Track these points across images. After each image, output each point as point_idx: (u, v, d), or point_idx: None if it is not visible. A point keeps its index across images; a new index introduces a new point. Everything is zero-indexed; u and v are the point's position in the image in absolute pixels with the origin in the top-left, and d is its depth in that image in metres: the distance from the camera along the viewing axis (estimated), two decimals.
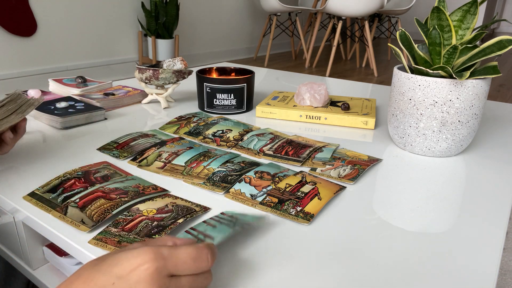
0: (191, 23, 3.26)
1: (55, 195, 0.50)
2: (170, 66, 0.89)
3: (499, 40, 0.57)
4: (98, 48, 2.67)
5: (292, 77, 1.25)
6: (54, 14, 2.38)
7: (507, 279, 0.95)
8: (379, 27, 5.30)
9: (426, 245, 0.43)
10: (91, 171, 0.56)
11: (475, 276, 0.38)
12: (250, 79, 0.86)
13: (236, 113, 0.86)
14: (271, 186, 0.53)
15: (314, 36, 3.35)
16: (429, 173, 0.60)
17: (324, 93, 0.84)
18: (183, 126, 0.76)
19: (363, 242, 0.43)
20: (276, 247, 0.42)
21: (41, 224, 0.46)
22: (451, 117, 0.62)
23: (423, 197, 0.53)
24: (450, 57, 0.60)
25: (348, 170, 0.59)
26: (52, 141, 0.69)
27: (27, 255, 0.53)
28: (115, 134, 0.72)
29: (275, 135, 0.71)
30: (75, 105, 0.81)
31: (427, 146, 0.65)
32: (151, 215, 0.45)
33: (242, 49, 3.90)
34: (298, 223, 0.46)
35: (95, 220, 0.45)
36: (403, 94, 0.65)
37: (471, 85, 0.60)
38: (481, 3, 0.61)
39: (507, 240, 1.08)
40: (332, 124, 0.81)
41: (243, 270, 0.38)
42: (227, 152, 0.64)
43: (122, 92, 0.93)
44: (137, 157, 0.62)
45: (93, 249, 0.41)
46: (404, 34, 0.65)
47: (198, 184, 0.54)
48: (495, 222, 0.47)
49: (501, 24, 6.73)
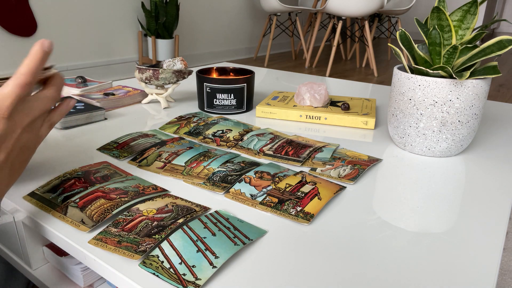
0: (191, 23, 3.26)
1: (55, 195, 0.50)
2: (170, 66, 0.89)
3: (499, 40, 0.57)
4: (98, 48, 2.67)
5: (292, 77, 1.25)
6: (54, 14, 2.38)
7: (507, 279, 0.95)
8: (379, 27, 5.30)
9: (426, 245, 0.43)
10: (91, 171, 0.56)
11: (475, 276, 0.38)
12: (250, 79, 0.86)
13: (236, 113, 0.86)
14: (271, 186, 0.53)
15: (314, 36, 3.35)
16: (429, 173, 0.60)
17: (324, 93, 0.84)
18: (183, 126, 0.76)
19: (363, 242, 0.43)
20: (276, 247, 0.42)
21: (41, 224, 0.46)
22: (451, 117, 0.62)
23: (423, 197, 0.53)
24: (450, 57, 0.60)
25: (348, 170, 0.59)
26: (52, 141, 0.69)
27: (27, 255, 0.53)
28: (115, 134, 0.72)
29: (275, 135, 0.71)
30: (75, 105, 0.81)
31: (427, 146, 0.65)
32: (151, 215, 0.45)
33: (242, 49, 3.90)
34: (298, 223, 0.46)
35: (95, 220, 0.45)
36: (403, 94, 0.65)
37: (471, 85, 0.60)
38: (481, 3, 0.61)
39: (507, 240, 1.08)
40: (332, 124, 0.81)
41: (243, 270, 0.38)
42: (227, 152, 0.64)
43: (122, 92, 0.93)
44: (137, 157, 0.62)
45: (93, 249, 0.41)
46: (404, 34, 0.65)
47: (198, 184, 0.54)
48: (495, 222, 0.47)
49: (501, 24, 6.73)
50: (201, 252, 0.39)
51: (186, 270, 0.37)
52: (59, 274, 0.55)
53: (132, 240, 0.41)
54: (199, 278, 0.36)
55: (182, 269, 0.37)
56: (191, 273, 0.37)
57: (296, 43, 4.59)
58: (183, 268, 0.37)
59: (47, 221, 0.46)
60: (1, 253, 0.59)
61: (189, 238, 0.41)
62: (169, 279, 0.36)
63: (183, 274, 0.37)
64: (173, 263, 0.38)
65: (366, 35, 3.12)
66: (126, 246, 0.40)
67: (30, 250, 0.53)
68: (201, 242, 0.41)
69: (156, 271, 0.37)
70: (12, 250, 0.57)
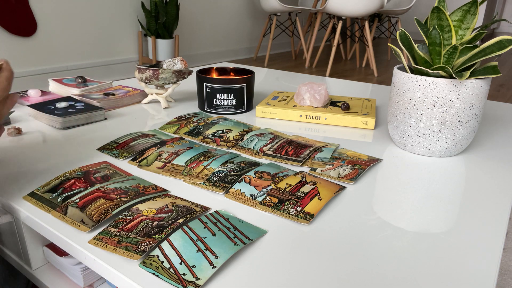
0: (191, 23, 3.26)
1: (55, 195, 0.50)
2: (170, 66, 0.89)
3: (499, 40, 0.57)
4: (98, 48, 2.67)
5: (292, 77, 1.25)
6: (54, 14, 2.38)
7: (507, 279, 0.95)
8: (379, 27, 5.30)
9: (426, 245, 0.43)
10: (91, 171, 0.56)
11: (475, 276, 0.38)
12: (250, 79, 0.86)
13: (236, 113, 0.86)
14: (271, 186, 0.53)
15: (314, 36, 3.36)
16: (429, 173, 0.60)
17: (324, 93, 0.84)
18: (183, 126, 0.76)
19: (363, 242, 0.43)
20: (276, 247, 0.42)
21: (41, 224, 0.46)
22: (451, 117, 0.62)
23: (423, 197, 0.53)
24: (450, 57, 0.60)
25: (348, 170, 0.59)
26: (52, 141, 0.69)
27: (27, 255, 0.53)
28: (115, 134, 0.72)
29: (275, 135, 0.71)
30: (75, 105, 0.81)
31: (427, 146, 0.65)
32: (151, 215, 0.45)
33: (242, 49, 3.90)
34: (298, 223, 0.46)
35: (95, 220, 0.45)
36: (403, 94, 0.65)
37: (471, 85, 0.60)
38: (481, 3, 0.61)
39: (507, 240, 1.08)
40: (332, 124, 0.81)
41: (243, 270, 0.38)
42: (227, 152, 0.64)
43: (122, 92, 0.93)
44: (137, 157, 0.62)
45: (93, 249, 0.41)
46: (404, 34, 0.65)
47: (198, 184, 0.54)
48: (495, 222, 0.47)
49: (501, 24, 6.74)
50: (201, 252, 0.39)
51: (186, 270, 0.37)
52: (59, 274, 0.55)
53: (132, 240, 0.41)
54: (199, 278, 0.36)
55: (182, 269, 0.37)
56: (191, 273, 0.37)
57: (296, 43, 4.59)
58: (183, 268, 0.37)
59: (47, 221, 0.46)
60: (1, 253, 0.59)
61: (189, 238, 0.41)
62: (169, 279, 0.36)
63: (183, 274, 0.37)
64: (173, 263, 0.38)
65: (366, 35, 3.12)
66: (126, 246, 0.40)
67: (30, 250, 0.53)
68: (201, 242, 0.41)
69: (156, 271, 0.37)
70: (12, 250, 0.57)
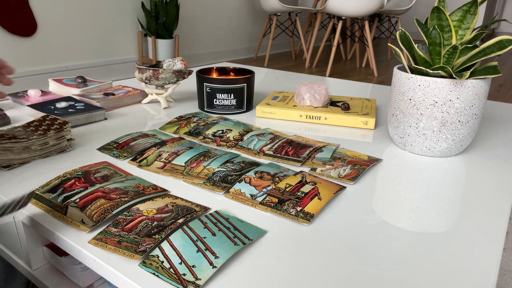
0: (191, 23, 3.26)
1: (55, 195, 0.50)
2: (170, 66, 0.89)
3: (499, 40, 0.57)
4: (98, 48, 2.67)
5: (292, 77, 1.25)
6: (54, 14, 2.38)
7: (507, 279, 0.95)
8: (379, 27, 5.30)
9: (426, 245, 0.43)
10: (91, 171, 0.56)
11: (475, 276, 0.38)
12: (250, 79, 0.86)
13: (236, 113, 0.86)
14: (271, 186, 0.53)
15: (314, 36, 3.35)
16: (429, 173, 0.60)
17: (324, 93, 0.84)
18: (183, 126, 0.76)
19: (363, 242, 0.43)
20: (276, 247, 0.42)
21: (41, 224, 0.46)
22: (451, 117, 0.62)
23: (423, 197, 0.53)
24: (450, 57, 0.60)
25: (348, 170, 0.59)
26: None
27: (27, 255, 0.53)
28: (115, 134, 0.72)
29: (275, 135, 0.71)
30: (75, 105, 0.81)
31: (427, 146, 0.65)
32: (151, 215, 0.45)
33: (242, 49, 3.90)
34: (298, 223, 0.46)
35: (95, 220, 0.45)
36: (403, 94, 0.65)
37: (471, 85, 0.60)
38: (481, 3, 0.61)
39: (507, 240, 1.08)
40: (332, 124, 0.81)
41: (243, 270, 0.38)
42: (227, 152, 0.64)
43: (122, 92, 0.93)
44: (137, 157, 0.62)
45: (93, 249, 0.41)
46: (404, 34, 0.65)
47: (198, 184, 0.54)
48: (495, 222, 0.47)
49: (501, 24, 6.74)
50: (201, 252, 0.39)
51: (186, 270, 0.37)
52: (59, 274, 0.55)
53: (132, 240, 0.41)
54: (199, 278, 0.36)
55: (182, 269, 0.37)
56: (191, 273, 0.37)
57: (296, 43, 4.59)
58: (183, 268, 0.37)
59: (47, 221, 0.46)
60: (1, 253, 0.59)
61: (189, 238, 0.41)
62: (169, 279, 0.36)
63: (183, 274, 0.37)
64: (173, 263, 0.38)
65: (366, 35, 3.12)
66: (126, 246, 0.40)
67: (30, 250, 0.53)
68: (201, 242, 0.41)
69: (156, 271, 0.37)
70: (12, 250, 0.57)
